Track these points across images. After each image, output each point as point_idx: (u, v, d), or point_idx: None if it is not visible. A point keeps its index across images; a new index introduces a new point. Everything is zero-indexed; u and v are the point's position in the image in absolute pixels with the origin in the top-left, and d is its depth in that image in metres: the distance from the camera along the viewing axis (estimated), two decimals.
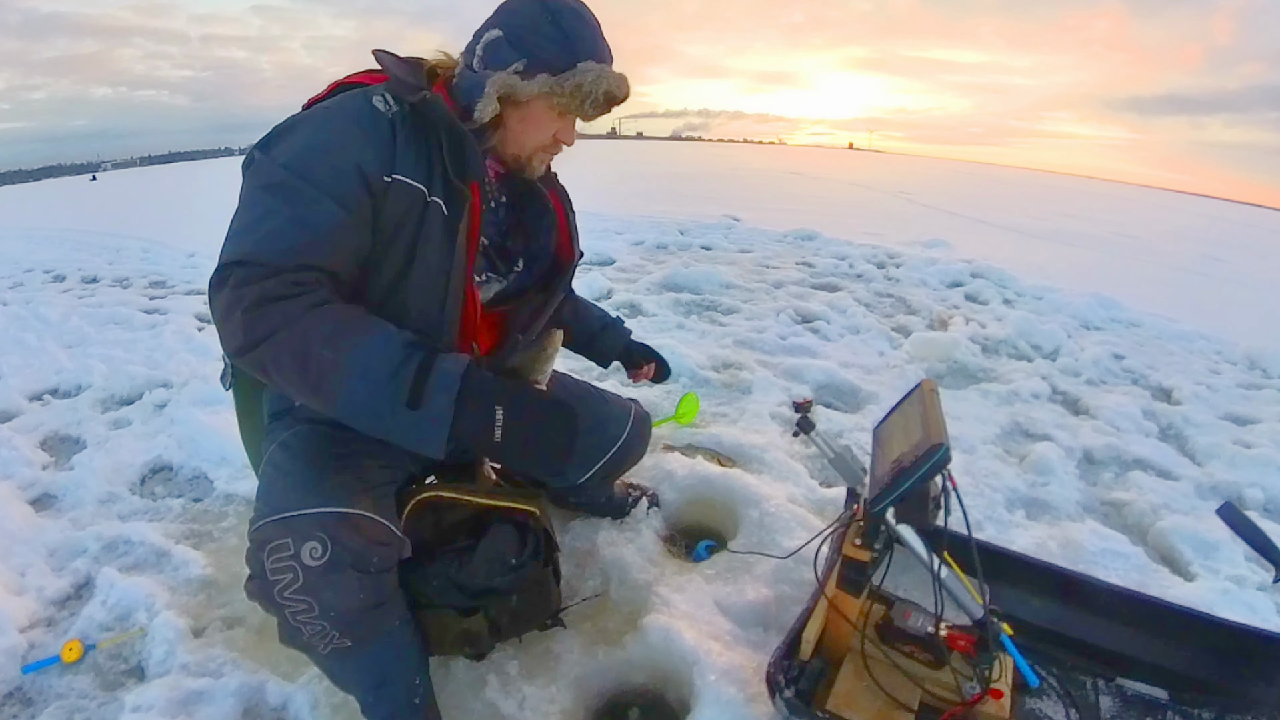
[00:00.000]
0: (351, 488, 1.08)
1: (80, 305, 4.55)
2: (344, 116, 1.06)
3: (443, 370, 0.95)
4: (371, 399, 0.95)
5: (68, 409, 2.74)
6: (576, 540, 1.70)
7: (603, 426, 1.51)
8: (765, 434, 2.30)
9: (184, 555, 1.77)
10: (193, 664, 1.43)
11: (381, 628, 1.11)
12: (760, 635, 1.44)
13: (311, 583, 1.00)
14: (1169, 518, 2.06)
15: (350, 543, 1.01)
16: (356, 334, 0.96)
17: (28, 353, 3.54)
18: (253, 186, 1.03)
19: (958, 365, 3.28)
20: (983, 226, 9.51)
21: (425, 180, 1.08)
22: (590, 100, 1.10)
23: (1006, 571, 1.44)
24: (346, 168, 1.02)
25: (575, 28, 1.09)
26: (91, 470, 2.19)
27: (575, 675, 1.38)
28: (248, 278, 0.95)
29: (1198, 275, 7.38)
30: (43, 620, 1.63)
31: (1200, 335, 4.13)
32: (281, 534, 1.00)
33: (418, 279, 1.11)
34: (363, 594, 1.04)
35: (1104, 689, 1.33)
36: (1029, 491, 2.18)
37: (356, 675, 1.17)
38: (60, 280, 5.70)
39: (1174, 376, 3.39)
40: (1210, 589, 1.74)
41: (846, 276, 5.02)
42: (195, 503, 2.06)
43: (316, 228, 0.99)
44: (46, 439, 2.52)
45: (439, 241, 1.10)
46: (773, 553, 1.62)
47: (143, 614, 1.57)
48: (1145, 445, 2.60)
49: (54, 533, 1.91)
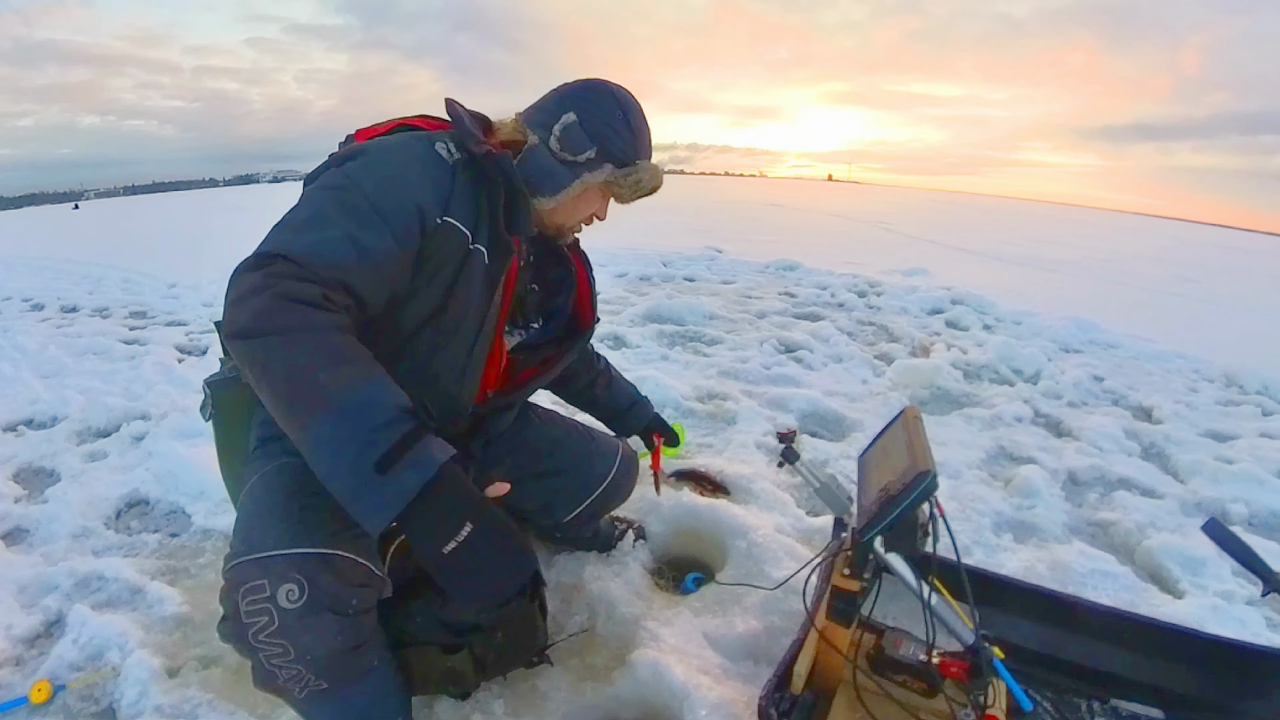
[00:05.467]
0: (330, 527, 1.03)
1: (58, 335, 4.49)
2: (411, 155, 1.10)
3: (426, 451, 0.87)
4: (341, 443, 0.85)
5: (43, 440, 2.69)
6: (562, 575, 1.68)
7: (589, 465, 1.52)
8: (751, 464, 2.29)
9: (159, 592, 1.72)
10: (167, 705, 1.38)
11: (360, 669, 1.08)
12: (751, 668, 1.42)
13: (288, 626, 0.96)
14: (1155, 536, 2.07)
15: (328, 585, 0.98)
16: (360, 374, 0.89)
17: (3, 382, 3.48)
18: (320, 189, 1.04)
19: (940, 391, 3.30)
20: (961, 254, 9.67)
21: (471, 227, 1.12)
22: (639, 192, 1.24)
23: (996, 596, 1.44)
24: (408, 203, 1.04)
25: (641, 127, 1.21)
26: (65, 503, 2.14)
27: (563, 713, 1.35)
28: (286, 272, 0.92)
29: (1172, 296, 7.52)
30: (10, 659, 1.58)
31: (1177, 355, 4.20)
32: (258, 575, 0.96)
33: (451, 320, 1.15)
34: (340, 637, 1.01)
35: (1099, 710, 1.32)
36: (1015, 514, 2.18)
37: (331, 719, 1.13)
38: (39, 309, 5.62)
39: (1153, 396, 3.44)
40: (1200, 605, 1.74)
41: (828, 306, 5.06)
42: (172, 538, 2.02)
43: (367, 251, 0.99)
44: (20, 471, 2.46)
45: (479, 287, 1.15)
46: (761, 584, 1.61)
47: (115, 653, 1.53)
48: (1128, 465, 2.62)
49: (24, 568, 1.86)
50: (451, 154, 1.12)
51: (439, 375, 1.20)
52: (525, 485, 1.41)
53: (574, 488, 1.51)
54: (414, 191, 1.05)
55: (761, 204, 17.54)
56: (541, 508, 1.52)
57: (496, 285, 1.19)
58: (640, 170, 1.22)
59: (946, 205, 23.83)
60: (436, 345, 1.17)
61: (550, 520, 1.57)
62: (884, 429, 1.32)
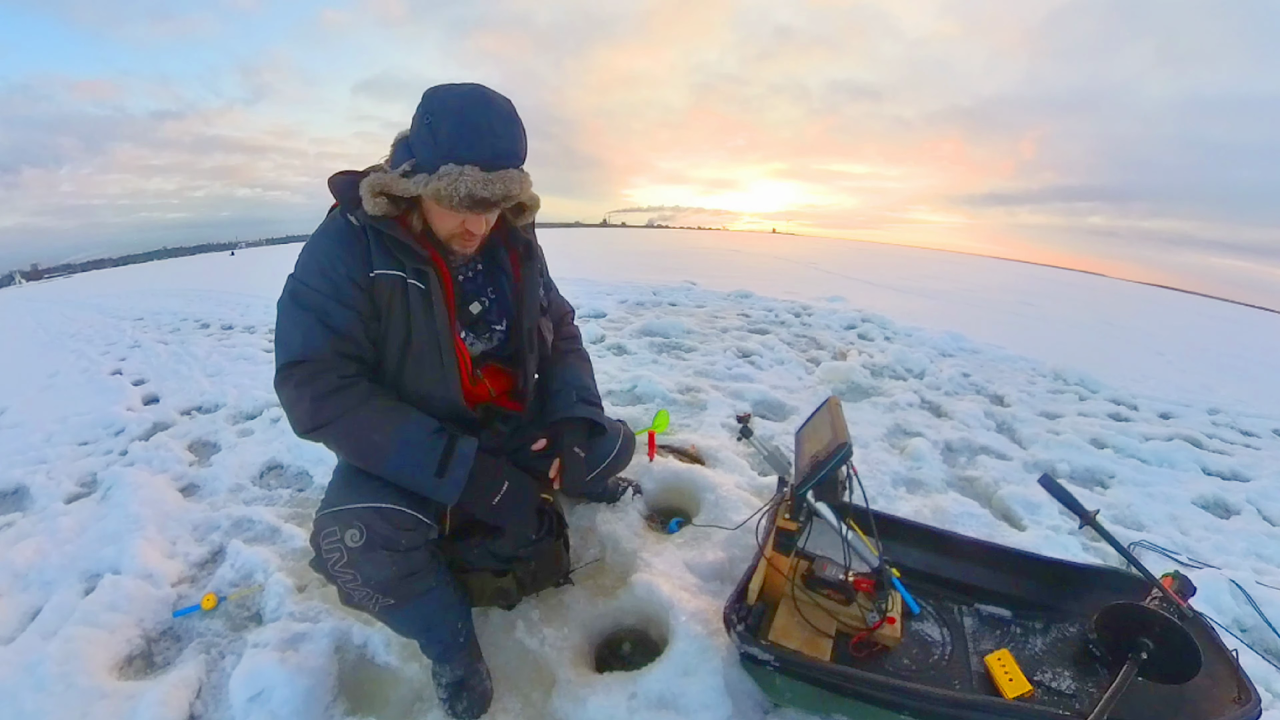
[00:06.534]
0: (387, 488, 1.02)
1: (220, 346, 4.45)
2: (330, 240, 1.00)
3: (462, 451, 1.00)
4: (409, 470, 0.98)
5: (208, 421, 2.69)
6: (580, 520, 1.67)
7: (599, 443, 1.44)
8: (717, 439, 2.27)
9: (291, 531, 1.72)
10: (297, 612, 1.39)
11: (417, 590, 1.06)
12: (718, 586, 1.42)
13: (353, 559, 0.97)
14: (1006, 487, 2.07)
15: (382, 529, 0.98)
16: (398, 422, 0.98)
17: (180, 380, 3.48)
18: (284, 299, 1.01)
19: (854, 385, 3.29)
20: (869, 286, 9.64)
21: (400, 268, 1.00)
22: (453, 199, 0.90)
23: (894, 531, 1.43)
24: (341, 280, 0.98)
25: (448, 132, 0.89)
26: (225, 467, 2.14)
27: (582, 620, 1.35)
28: (306, 376, 0.96)
29: (1016, 315, 7.50)
30: (187, 578, 1.59)
31: (1021, 358, 4.19)
32: (331, 523, 0.98)
33: (418, 344, 1.04)
34: (394, 567, 1.00)
35: (966, 612, 1.31)
36: (908, 473, 2.17)
37: (406, 625, 1.13)
38: (205, 327, 5.58)
39: (1004, 387, 3.43)
40: (1036, 536, 1.76)
41: (773, 324, 5.03)
42: (299, 492, 2.01)
43: (338, 325, 0.98)
44: (193, 443, 2.46)
45: (422, 310, 1.02)
46: (725, 525, 1.60)
47: (260, 575, 1.53)
48: (987, 436, 2.62)
49: (196, 513, 1.86)
50: (358, 221, 0.99)
51: (432, 390, 1.07)
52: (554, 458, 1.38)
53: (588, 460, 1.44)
54: (342, 268, 0.98)
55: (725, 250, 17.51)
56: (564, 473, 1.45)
57: (434, 302, 1.02)
58: (440, 176, 0.89)
59: (858, 251, 23.85)
60: (419, 365, 1.05)
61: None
62: (814, 412, 1.32)
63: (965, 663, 1.18)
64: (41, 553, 1.64)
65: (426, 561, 1.08)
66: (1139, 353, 5.69)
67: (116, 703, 1.16)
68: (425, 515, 1.05)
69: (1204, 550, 1.80)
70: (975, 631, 1.27)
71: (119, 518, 1.76)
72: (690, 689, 1.11)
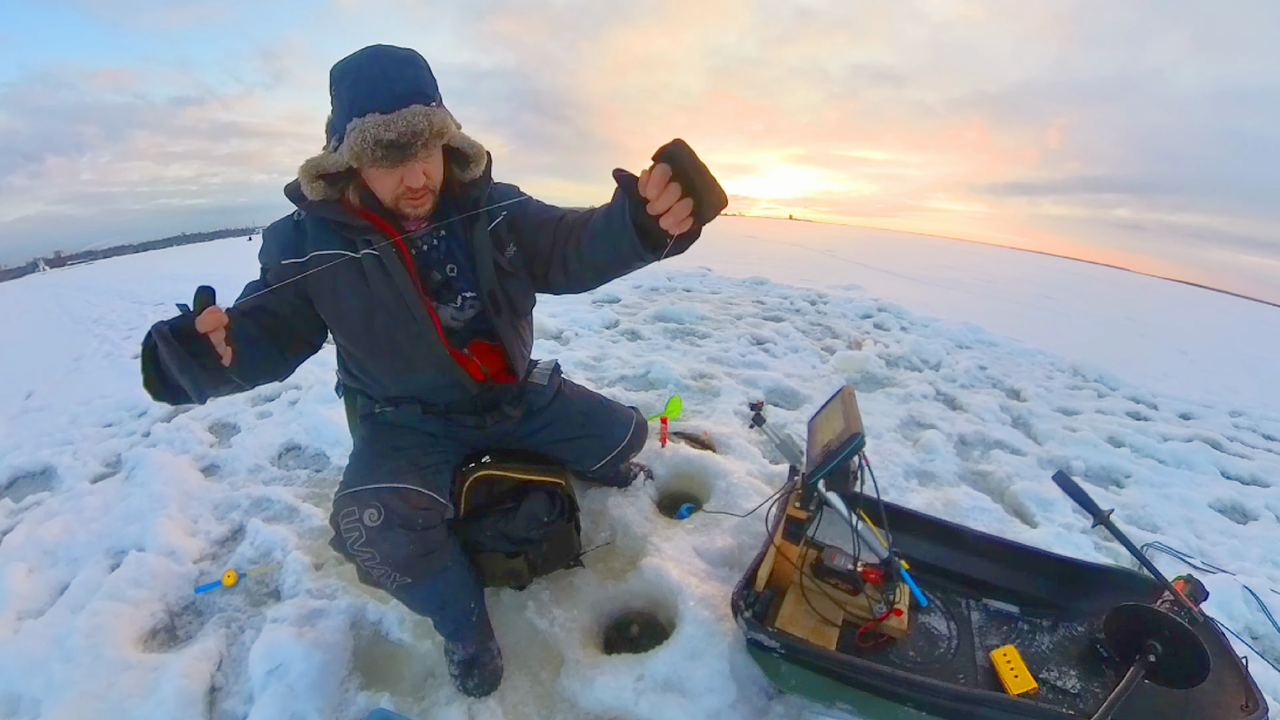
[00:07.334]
0: (404, 469, 1.06)
1: None
2: (270, 236, 1.07)
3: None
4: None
5: (228, 403, 2.70)
6: (592, 504, 1.68)
7: (611, 430, 1.45)
8: (730, 426, 2.27)
9: (308, 511, 1.76)
10: (315, 589, 1.42)
11: (433, 569, 1.08)
12: (726, 573, 1.43)
13: (372, 538, 0.99)
14: (1019, 483, 2.04)
15: (399, 509, 1.00)
16: None
17: None
18: None
19: (869, 375, 3.26)
20: (886, 275, 9.51)
21: (346, 245, 1.00)
22: (370, 153, 0.87)
23: (904, 524, 1.43)
24: (273, 263, 1.04)
25: (346, 91, 0.87)
26: (244, 448, 2.18)
27: (591, 602, 1.37)
28: None
29: (1036, 309, 7.36)
30: (209, 555, 1.63)
31: (1039, 351, 4.11)
32: (350, 504, 1.00)
33: (383, 308, 1.02)
34: (411, 546, 1.02)
35: (973, 607, 1.31)
36: (920, 466, 2.16)
37: (421, 603, 1.15)
38: None
39: (1021, 381, 3.37)
40: (1048, 533, 1.74)
41: (788, 311, 4.99)
42: (316, 473, 2.05)
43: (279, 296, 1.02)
44: (213, 425, 2.50)
45: (380, 277, 1.00)
46: (735, 512, 1.60)
47: (279, 552, 1.57)
48: (1002, 431, 2.58)
49: (217, 492, 1.90)
50: (298, 214, 1.03)
51: (412, 348, 1.05)
52: (567, 444, 1.39)
53: (601, 447, 1.44)
54: (274, 256, 1.04)
55: (741, 236, 17.34)
56: (578, 459, 1.47)
57: (390, 267, 0.99)
58: (349, 135, 0.87)
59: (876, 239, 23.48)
60: (392, 337, 1.04)
61: (584, 468, 1.53)
62: (827, 401, 1.31)
63: (971, 657, 1.18)
64: (69, 530, 1.69)
65: (442, 541, 1.10)
66: (1161, 351, 5.54)
67: (141, 674, 1.20)
68: (441, 495, 1.07)
69: (1219, 555, 1.76)
70: (982, 626, 1.26)
71: (143, 497, 1.81)
72: (696, 672, 1.13)
